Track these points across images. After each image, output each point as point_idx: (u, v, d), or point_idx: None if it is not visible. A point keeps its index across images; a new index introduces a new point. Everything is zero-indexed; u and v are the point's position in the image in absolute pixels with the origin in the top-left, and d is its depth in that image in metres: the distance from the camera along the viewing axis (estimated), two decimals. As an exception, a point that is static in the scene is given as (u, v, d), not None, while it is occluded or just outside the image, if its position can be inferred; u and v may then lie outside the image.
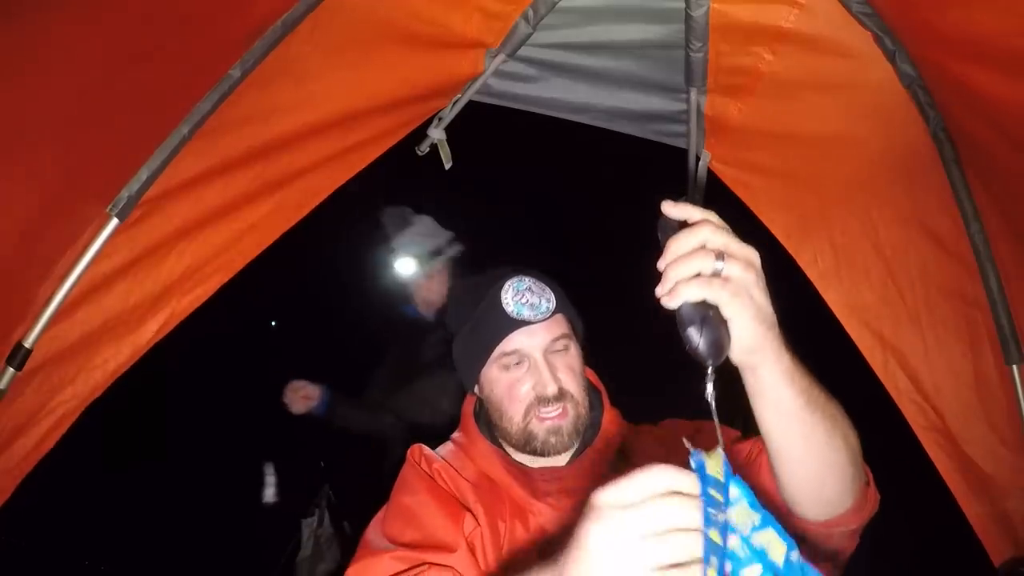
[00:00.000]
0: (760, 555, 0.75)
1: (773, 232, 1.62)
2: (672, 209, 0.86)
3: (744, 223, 1.15)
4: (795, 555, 0.76)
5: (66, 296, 1.34)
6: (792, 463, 0.96)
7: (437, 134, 1.76)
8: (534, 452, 1.25)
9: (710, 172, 1.88)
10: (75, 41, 1.02)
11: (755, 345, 0.84)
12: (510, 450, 1.29)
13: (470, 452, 1.30)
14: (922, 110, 1.33)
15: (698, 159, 1.89)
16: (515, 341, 1.25)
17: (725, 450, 0.82)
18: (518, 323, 1.26)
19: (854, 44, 1.36)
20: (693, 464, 0.78)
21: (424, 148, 1.78)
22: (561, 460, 1.26)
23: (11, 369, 1.31)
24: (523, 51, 1.65)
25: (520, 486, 1.23)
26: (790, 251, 1.69)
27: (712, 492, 0.76)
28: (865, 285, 1.57)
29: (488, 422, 1.33)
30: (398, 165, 1.80)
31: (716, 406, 0.82)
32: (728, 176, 1.78)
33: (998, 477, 1.50)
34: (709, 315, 0.81)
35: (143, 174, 1.32)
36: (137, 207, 1.35)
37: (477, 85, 1.69)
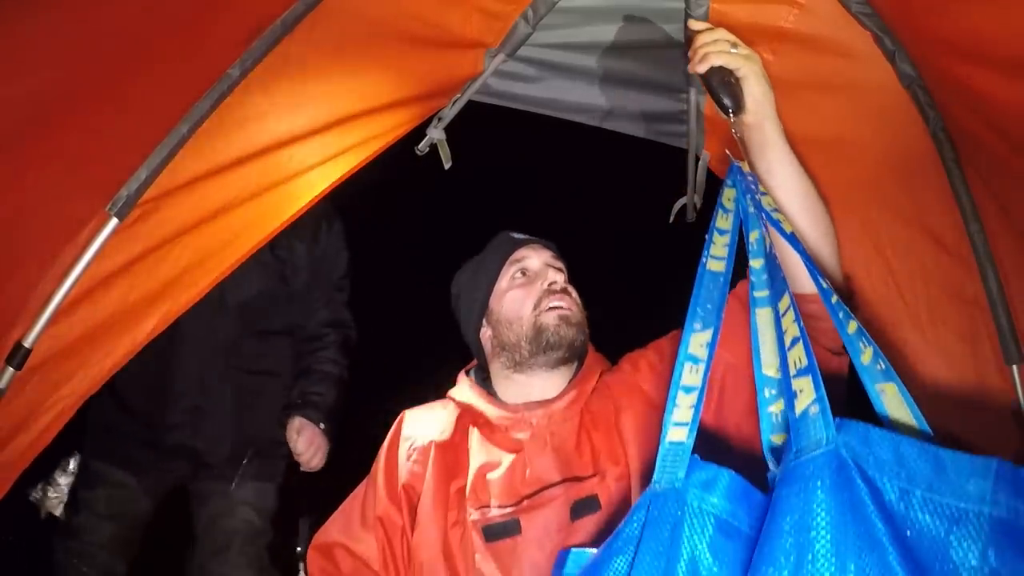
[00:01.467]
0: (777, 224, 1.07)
1: (773, 232, 1.62)
2: (696, 24, 1.21)
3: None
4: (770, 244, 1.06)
5: (65, 296, 1.33)
6: (796, 213, 1.15)
7: (437, 134, 1.76)
8: (546, 347, 1.34)
9: (710, 172, 1.88)
10: (74, 39, 1.02)
11: (763, 98, 1.13)
12: (505, 381, 1.41)
13: (455, 396, 1.43)
14: (922, 110, 1.33)
15: (698, 159, 1.89)
16: (522, 253, 1.45)
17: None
18: (524, 241, 1.47)
19: (854, 44, 1.36)
20: (732, 167, 1.15)
21: (423, 148, 1.78)
22: (551, 389, 1.36)
23: (11, 369, 1.31)
24: (523, 51, 1.65)
25: (496, 408, 1.36)
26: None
27: (749, 180, 1.12)
28: (866, 285, 1.57)
29: (481, 377, 1.46)
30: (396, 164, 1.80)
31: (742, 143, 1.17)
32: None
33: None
34: (729, 79, 1.13)
35: (142, 173, 1.32)
36: (136, 207, 1.35)
37: (477, 85, 1.69)
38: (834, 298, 0.97)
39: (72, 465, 2.05)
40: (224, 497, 2.13)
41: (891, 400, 0.88)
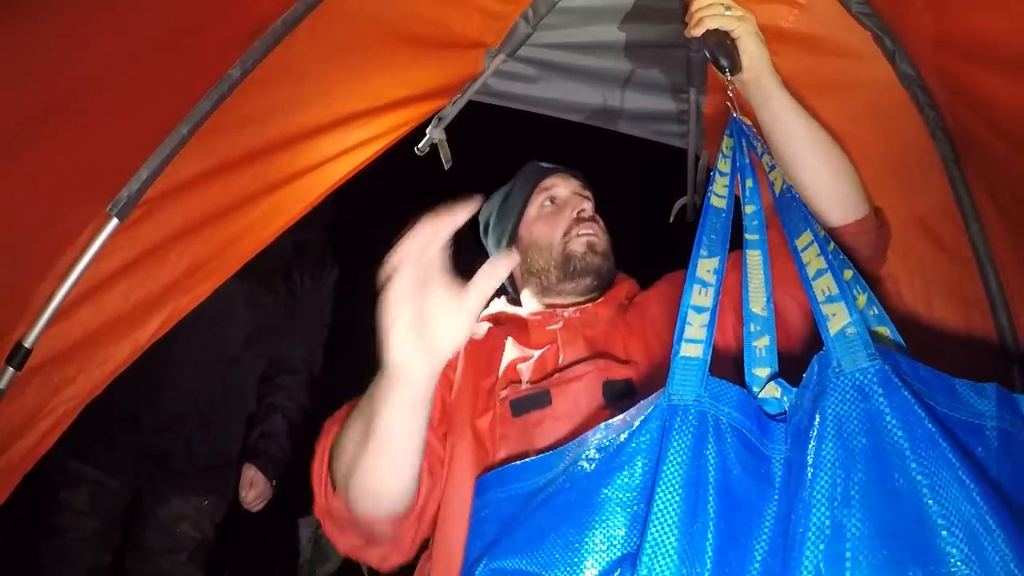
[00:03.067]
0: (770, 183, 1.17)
1: (773, 232, 1.63)
2: None
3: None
4: (784, 186, 1.16)
5: (66, 296, 1.33)
6: (807, 156, 1.19)
7: (437, 134, 1.75)
8: (573, 273, 1.36)
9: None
10: (76, 42, 1.02)
11: (758, 55, 1.19)
12: (536, 298, 1.43)
13: (485, 313, 1.43)
14: (921, 110, 1.33)
15: (698, 159, 1.89)
16: (551, 181, 1.48)
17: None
18: (552, 170, 1.50)
19: (854, 44, 1.36)
20: (732, 119, 1.24)
21: (424, 148, 1.78)
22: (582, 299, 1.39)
23: (11, 369, 1.31)
24: (523, 51, 1.65)
25: (528, 309, 1.39)
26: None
27: (746, 132, 1.21)
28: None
29: (511, 292, 1.51)
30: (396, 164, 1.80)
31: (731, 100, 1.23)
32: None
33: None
34: (725, 41, 1.18)
35: (143, 174, 1.32)
36: (137, 207, 1.35)
37: (477, 85, 1.69)
38: (831, 245, 1.04)
39: None
40: (186, 503, 2.17)
41: (885, 341, 0.98)
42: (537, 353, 1.27)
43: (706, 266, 1.03)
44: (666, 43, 1.61)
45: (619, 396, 1.16)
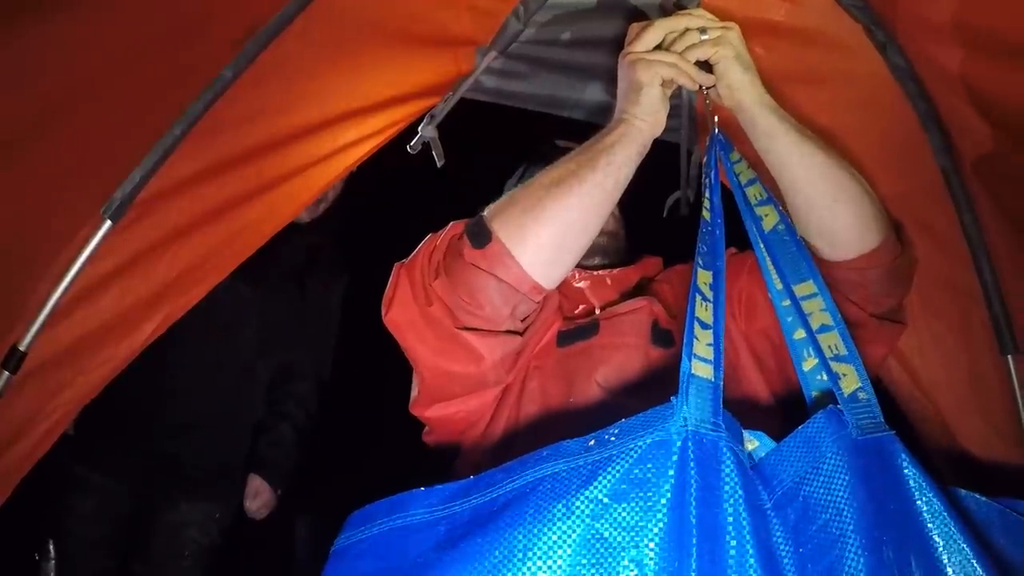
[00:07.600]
0: (756, 219, 1.12)
1: (767, 226, 1.63)
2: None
3: (737, 218, 1.16)
4: (782, 227, 1.10)
5: (60, 299, 1.33)
6: (799, 187, 1.10)
7: (429, 132, 1.75)
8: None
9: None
10: (69, 43, 1.02)
11: (737, 83, 1.08)
12: None
13: None
14: (912, 101, 1.33)
15: (690, 154, 1.89)
16: None
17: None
18: (566, 150, 1.39)
19: (845, 37, 1.36)
20: (716, 135, 1.16)
21: (416, 146, 1.77)
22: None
23: (6, 373, 1.31)
24: (514, 48, 1.64)
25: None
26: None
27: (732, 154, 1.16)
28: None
29: None
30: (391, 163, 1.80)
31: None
32: (720, 171, 1.79)
33: (994, 470, 1.50)
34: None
35: (136, 175, 1.32)
36: (131, 209, 1.35)
37: (468, 82, 1.68)
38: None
39: (52, 552, 2.10)
40: (195, 508, 2.17)
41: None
42: (577, 306, 1.27)
43: (703, 279, 0.96)
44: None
45: (661, 343, 1.15)
